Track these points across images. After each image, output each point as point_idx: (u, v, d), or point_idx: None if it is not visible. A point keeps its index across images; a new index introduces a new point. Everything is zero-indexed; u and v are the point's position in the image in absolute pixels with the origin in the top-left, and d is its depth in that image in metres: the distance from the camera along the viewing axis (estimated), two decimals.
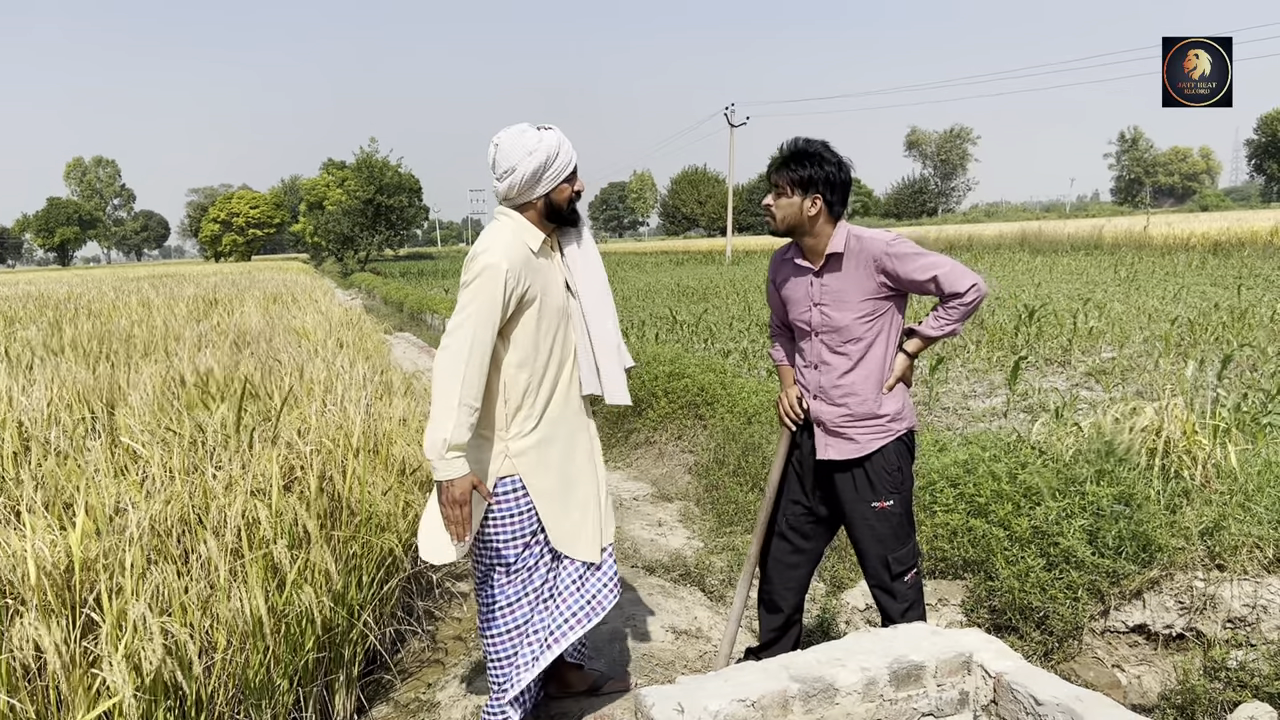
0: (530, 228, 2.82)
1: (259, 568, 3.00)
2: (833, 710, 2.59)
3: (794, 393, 3.16)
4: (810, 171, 2.91)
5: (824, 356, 3.04)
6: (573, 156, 2.83)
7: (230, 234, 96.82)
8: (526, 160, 2.72)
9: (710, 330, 12.05)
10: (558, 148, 2.78)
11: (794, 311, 3.12)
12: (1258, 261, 19.67)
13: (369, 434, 4.34)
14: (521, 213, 2.83)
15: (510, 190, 2.78)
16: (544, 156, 2.74)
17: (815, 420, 3.09)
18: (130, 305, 13.76)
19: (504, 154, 2.75)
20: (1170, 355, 8.21)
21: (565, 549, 2.94)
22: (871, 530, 3.07)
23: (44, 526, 2.90)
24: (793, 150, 2.97)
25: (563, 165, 2.80)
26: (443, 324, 17.24)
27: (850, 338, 2.98)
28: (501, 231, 2.78)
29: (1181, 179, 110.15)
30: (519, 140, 2.75)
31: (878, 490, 3.03)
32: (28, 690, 2.52)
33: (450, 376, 2.60)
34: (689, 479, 6.55)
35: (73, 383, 5.29)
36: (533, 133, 2.77)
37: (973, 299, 2.91)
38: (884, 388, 3.02)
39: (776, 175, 2.98)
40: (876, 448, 3.01)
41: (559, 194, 2.82)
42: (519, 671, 2.94)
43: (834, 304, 2.99)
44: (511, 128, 2.80)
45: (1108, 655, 3.69)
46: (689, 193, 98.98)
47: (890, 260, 2.91)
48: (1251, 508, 3.78)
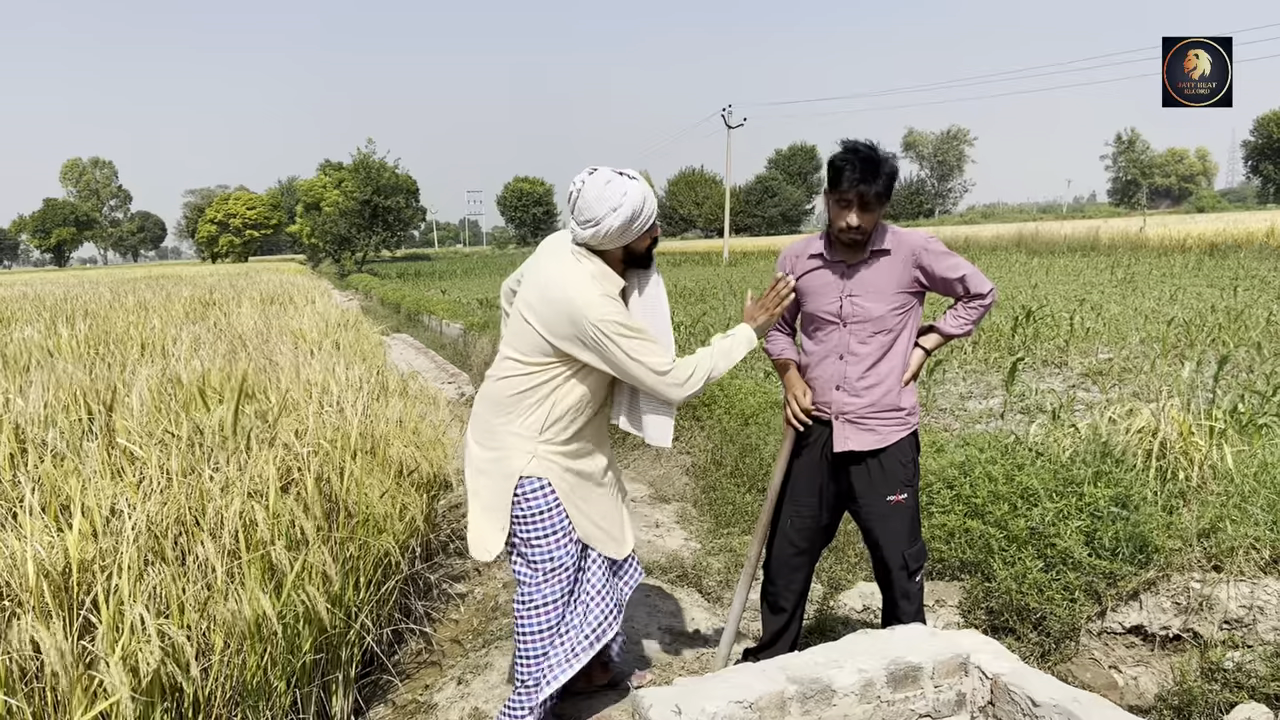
0: (610, 274, 2.85)
1: (256, 569, 3.00)
2: (830, 712, 2.59)
3: (803, 392, 3.15)
4: (888, 181, 2.87)
5: (852, 347, 3.05)
6: (655, 209, 2.85)
7: (227, 235, 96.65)
8: (612, 216, 2.73)
9: (708, 332, 12.05)
10: (643, 202, 2.78)
11: (817, 303, 3.10)
12: (1254, 263, 19.70)
13: (366, 435, 4.34)
14: (601, 256, 2.85)
15: (593, 239, 2.79)
16: (629, 212, 2.74)
17: (835, 413, 3.09)
18: (127, 306, 13.74)
19: (587, 204, 2.74)
20: (1167, 356, 8.22)
21: (594, 543, 3.02)
22: (886, 524, 3.09)
23: (41, 528, 2.89)
24: (866, 160, 2.83)
25: (646, 218, 2.82)
26: (440, 326, 17.24)
27: (882, 329, 3.02)
28: (584, 276, 2.79)
29: (1178, 180, 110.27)
30: (604, 193, 2.73)
31: (891, 483, 3.06)
32: (25, 691, 2.52)
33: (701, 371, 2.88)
34: (686, 480, 6.56)
35: (70, 384, 5.28)
36: (618, 183, 2.75)
37: (991, 301, 3.07)
38: (902, 381, 3.07)
39: (865, 190, 2.82)
40: (895, 440, 3.05)
41: (639, 243, 2.87)
42: (551, 671, 2.98)
43: (868, 294, 3.01)
44: (597, 176, 2.77)
45: (1105, 656, 3.69)
46: (686, 194, 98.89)
47: (928, 256, 2.99)
48: (1248, 509, 3.78)
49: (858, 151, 2.85)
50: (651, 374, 2.79)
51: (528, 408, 2.85)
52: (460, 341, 15.07)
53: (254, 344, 7.51)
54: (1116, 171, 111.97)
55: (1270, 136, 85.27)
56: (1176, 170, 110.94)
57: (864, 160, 2.83)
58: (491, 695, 3.54)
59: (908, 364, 3.09)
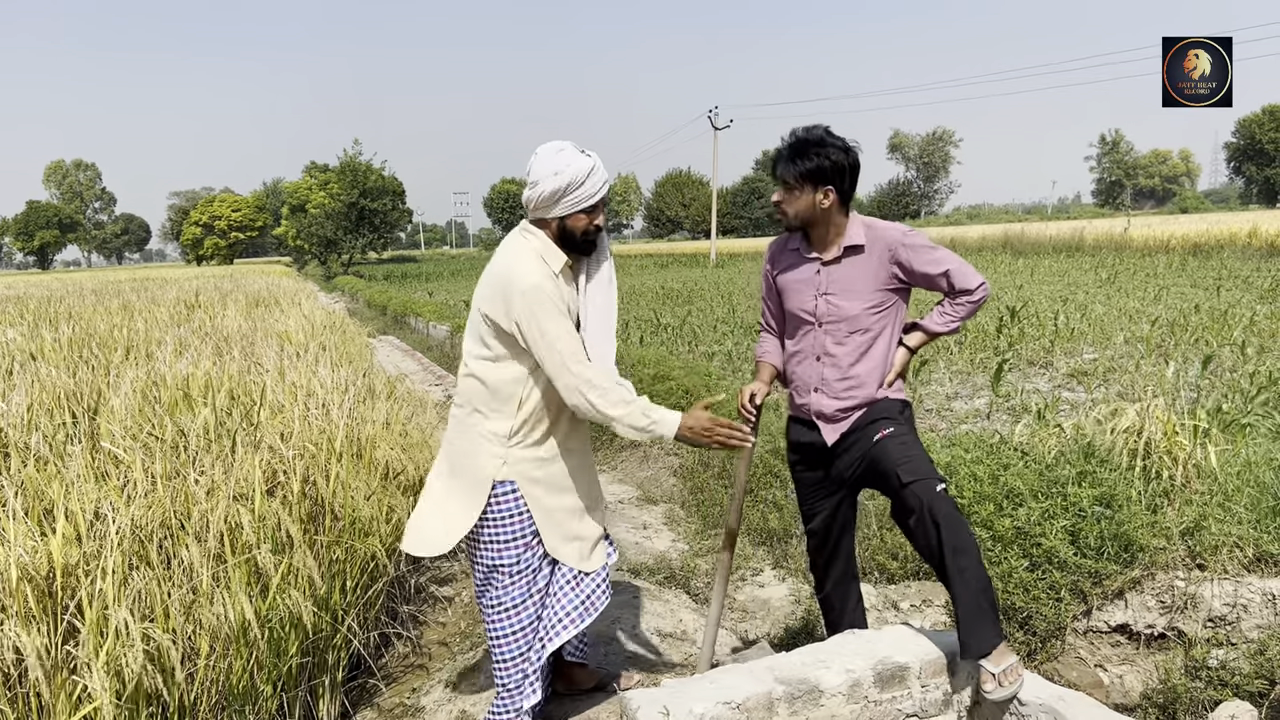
0: (551, 248, 2.82)
1: (242, 573, 2.98)
2: (818, 712, 2.60)
3: (752, 389, 3.09)
4: (818, 163, 2.83)
5: (828, 348, 2.98)
6: (600, 190, 2.81)
7: (212, 237, 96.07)
8: (550, 179, 2.73)
9: (695, 333, 12.06)
10: (585, 176, 2.76)
11: (794, 301, 3.04)
12: (1236, 263, 19.86)
13: (352, 438, 4.32)
14: (541, 229, 2.84)
15: (529, 202, 2.79)
16: (567, 180, 2.73)
17: (817, 414, 3.03)
18: (111, 309, 13.66)
19: (535, 165, 2.77)
20: (1151, 356, 8.28)
21: (560, 557, 2.94)
22: (881, 458, 2.87)
23: (24, 533, 2.87)
24: (796, 142, 2.88)
25: (585, 195, 2.78)
26: (427, 328, 17.20)
27: (857, 328, 2.94)
28: (526, 250, 2.79)
29: (1161, 181, 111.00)
30: (551, 158, 2.76)
31: (878, 425, 2.92)
32: (8, 696, 2.50)
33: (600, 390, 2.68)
34: (674, 482, 6.56)
35: (53, 387, 5.25)
36: (568, 153, 2.77)
37: (980, 297, 2.92)
38: (885, 383, 2.98)
39: (783, 171, 2.88)
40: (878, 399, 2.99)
41: (574, 221, 2.81)
42: (529, 675, 2.95)
43: (843, 293, 2.93)
44: (554, 143, 2.81)
45: (1090, 655, 3.71)
46: (673, 195, 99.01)
47: (905, 251, 2.89)
48: (1231, 508, 3.81)
49: (796, 134, 2.91)
50: (564, 365, 2.67)
51: (498, 404, 2.80)
52: (447, 344, 15.04)
53: (240, 347, 7.48)
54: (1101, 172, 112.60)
55: (1253, 138, 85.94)
56: (1160, 171, 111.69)
57: (794, 142, 2.89)
58: (479, 698, 3.53)
59: (890, 365, 2.99)
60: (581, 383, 2.67)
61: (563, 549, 2.94)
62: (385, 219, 66.31)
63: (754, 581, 4.81)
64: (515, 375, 2.79)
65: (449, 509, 2.88)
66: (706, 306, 16.17)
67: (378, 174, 65.80)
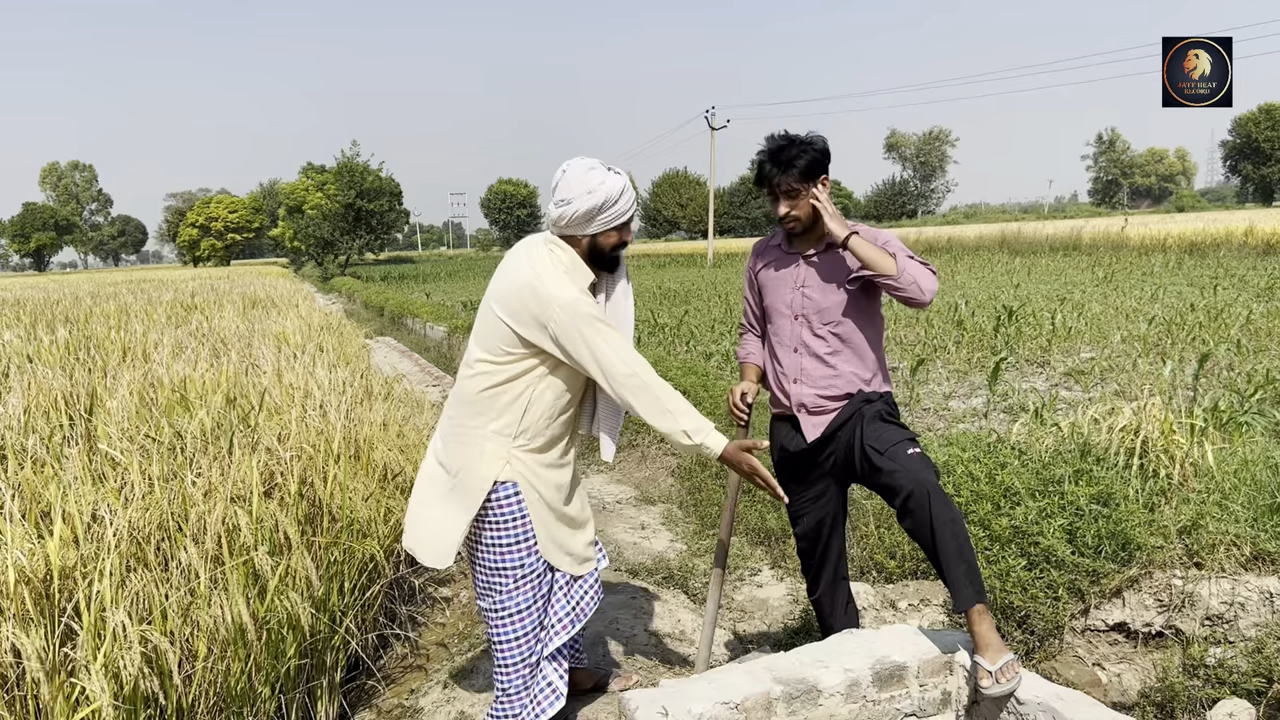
0: (581, 266, 2.85)
1: (240, 575, 2.98)
2: (816, 712, 2.60)
3: (743, 389, 3.18)
4: (810, 157, 2.91)
5: (805, 340, 3.06)
6: (630, 208, 2.86)
7: (209, 239, 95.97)
8: (584, 198, 2.76)
9: (692, 333, 12.06)
10: (618, 195, 2.81)
11: (774, 296, 3.14)
12: (1233, 261, 19.91)
13: (349, 439, 4.31)
14: (570, 245, 2.86)
15: (561, 220, 2.81)
16: (602, 198, 2.76)
17: (799, 405, 3.09)
18: (108, 311, 13.63)
19: (566, 184, 2.79)
20: (1148, 355, 8.29)
21: (553, 560, 2.95)
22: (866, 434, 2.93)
23: (22, 535, 2.86)
24: (777, 150, 2.95)
25: (618, 212, 2.83)
26: (424, 329, 17.19)
27: (831, 320, 3.02)
28: (555, 265, 2.80)
29: (1158, 180, 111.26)
30: (584, 176, 2.78)
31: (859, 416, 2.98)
32: (6, 699, 2.50)
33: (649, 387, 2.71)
34: (672, 482, 6.56)
35: (50, 389, 5.24)
36: (599, 172, 2.80)
37: (901, 285, 2.83)
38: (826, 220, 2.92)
39: (783, 179, 2.93)
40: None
41: (605, 239, 2.85)
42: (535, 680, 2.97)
43: (817, 287, 3.02)
44: (582, 160, 2.84)
45: (1088, 654, 3.72)
46: (670, 195, 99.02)
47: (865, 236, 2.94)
48: (1228, 506, 3.81)
49: (774, 140, 2.97)
50: (620, 364, 2.69)
51: (502, 407, 2.81)
52: (444, 344, 15.04)
53: (237, 348, 7.46)
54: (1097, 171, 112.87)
55: (1249, 136, 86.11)
56: (1156, 170, 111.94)
57: (773, 152, 2.95)
58: (478, 699, 3.53)
59: (870, 359, 3.04)
60: (631, 381, 2.73)
61: (557, 554, 2.96)
62: (382, 220, 66.29)
63: (752, 581, 4.81)
64: (525, 381, 2.81)
65: (450, 517, 2.89)
66: (703, 306, 16.17)
67: (375, 175, 65.76)
